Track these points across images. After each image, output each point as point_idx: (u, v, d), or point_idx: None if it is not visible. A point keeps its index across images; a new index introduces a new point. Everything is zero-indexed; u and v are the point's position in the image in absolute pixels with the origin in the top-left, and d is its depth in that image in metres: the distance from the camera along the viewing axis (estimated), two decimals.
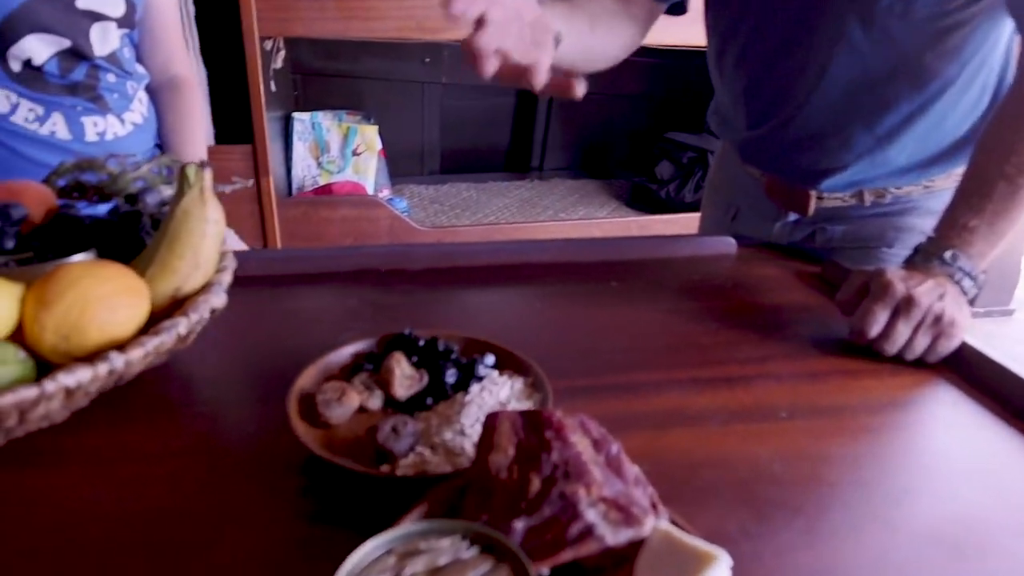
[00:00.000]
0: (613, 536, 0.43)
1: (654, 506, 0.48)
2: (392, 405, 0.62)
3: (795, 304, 0.90)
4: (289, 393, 0.60)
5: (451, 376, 0.62)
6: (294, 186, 2.64)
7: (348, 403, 0.59)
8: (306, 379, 0.62)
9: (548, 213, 2.94)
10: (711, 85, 1.11)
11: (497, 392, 0.61)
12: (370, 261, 0.92)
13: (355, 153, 2.67)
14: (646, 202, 3.06)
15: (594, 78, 0.79)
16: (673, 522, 0.48)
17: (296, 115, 2.60)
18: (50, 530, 0.50)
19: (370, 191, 2.66)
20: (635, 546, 0.44)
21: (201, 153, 1.21)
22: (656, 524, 0.45)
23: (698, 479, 0.58)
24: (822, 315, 0.87)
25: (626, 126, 3.43)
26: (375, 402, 0.61)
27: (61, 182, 0.80)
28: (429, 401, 0.61)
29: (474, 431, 0.56)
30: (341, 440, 0.58)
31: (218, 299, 0.62)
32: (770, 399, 0.69)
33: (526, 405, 0.61)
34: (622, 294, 0.90)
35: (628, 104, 3.36)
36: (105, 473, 0.55)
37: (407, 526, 0.42)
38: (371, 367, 0.64)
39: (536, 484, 0.46)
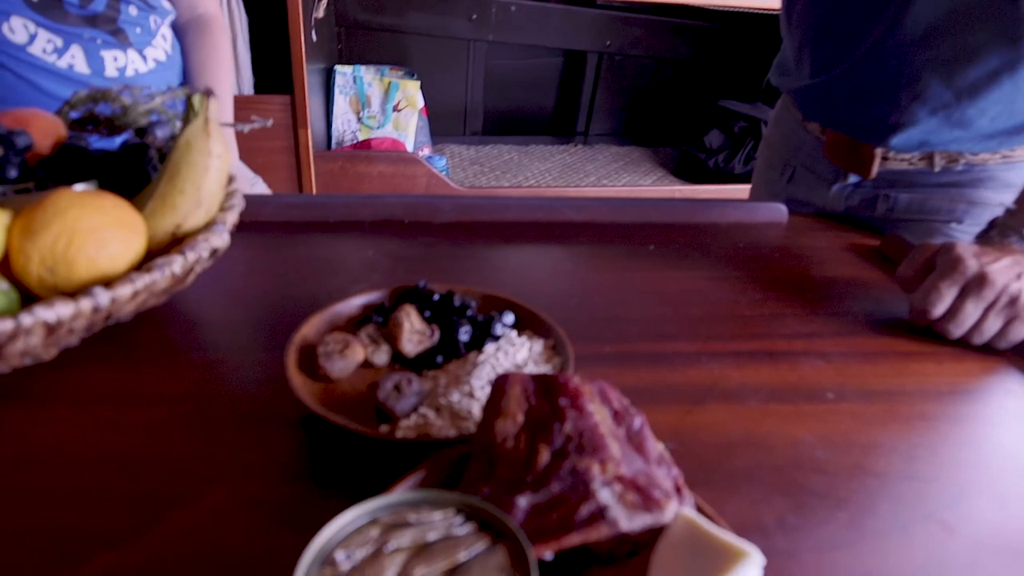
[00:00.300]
0: (628, 521, 0.38)
1: (678, 489, 0.42)
2: (399, 361, 0.57)
3: (849, 278, 0.82)
4: (289, 342, 0.55)
5: (465, 334, 0.57)
6: (333, 140, 2.60)
7: (351, 357, 0.54)
8: (310, 329, 0.58)
9: (591, 179, 2.86)
10: (768, 51, 1.02)
11: (514, 354, 0.56)
12: (392, 211, 0.87)
13: (396, 109, 2.62)
14: (693, 172, 2.95)
15: (644, 41, 0.72)
16: (699, 509, 0.42)
17: (338, 68, 2.56)
18: (24, 468, 0.47)
19: (410, 149, 2.61)
20: (653, 534, 0.38)
21: (226, 97, 1.17)
22: (679, 510, 0.39)
23: (731, 462, 0.52)
24: (878, 291, 0.79)
25: (676, 92, 3.30)
26: (381, 357, 0.56)
27: (75, 114, 0.76)
28: (439, 359, 0.56)
29: (484, 394, 0.51)
30: (341, 396, 0.53)
31: (219, 239, 0.58)
32: (816, 378, 0.63)
33: (545, 370, 0.55)
34: (660, 259, 0.83)
35: (679, 69, 3.23)
36: (90, 415, 0.52)
37: (396, 495, 0.38)
38: (380, 320, 0.60)
39: (545, 456, 0.41)
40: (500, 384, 0.45)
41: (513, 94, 3.26)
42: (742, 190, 1.25)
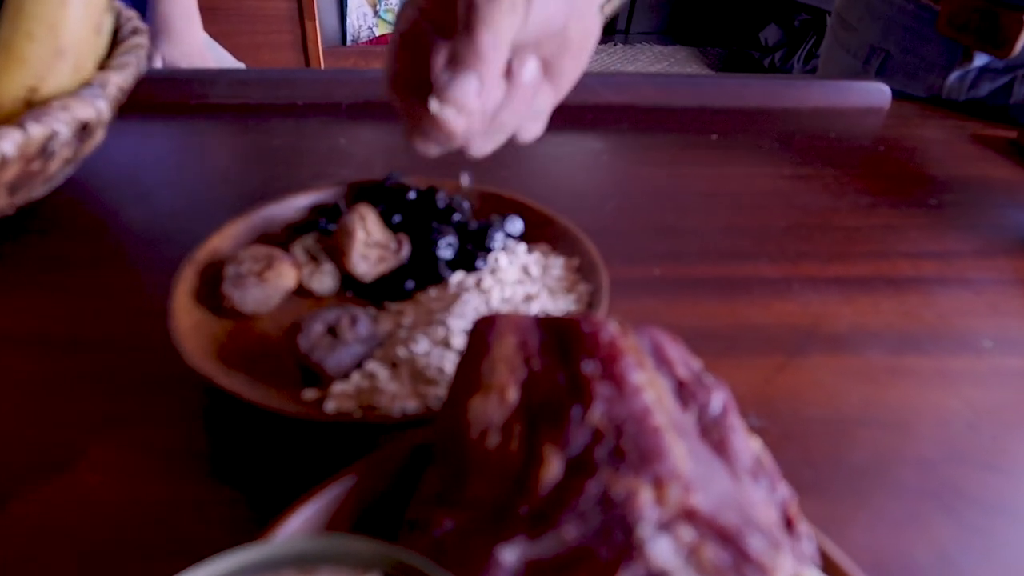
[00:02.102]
0: None
1: (789, 524, 0.24)
2: (354, 289, 0.39)
3: (983, 179, 0.61)
4: (185, 260, 0.37)
5: (447, 248, 0.39)
6: (348, 36, 2.37)
7: (275, 281, 0.36)
8: (224, 240, 0.40)
9: None
10: None
11: (518, 278, 0.38)
12: (376, 91, 0.67)
13: None
14: (746, 72, 2.65)
15: None
16: (826, 563, 0.24)
17: None
18: None
19: None
20: None
21: None
22: (797, 572, 0.21)
23: (850, 451, 0.34)
24: None
25: None
26: (324, 282, 0.38)
27: None
28: (410, 285, 0.38)
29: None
30: (258, 341, 0.35)
31: (85, 107, 0.39)
32: (963, 318, 0.43)
33: (565, 304, 0.36)
34: (726, 151, 0.63)
35: None
36: None
37: (273, 546, 0.20)
38: (329, 226, 0.41)
39: (555, 469, 0.22)
40: (481, 333, 0.26)
41: None
42: None
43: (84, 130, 0.40)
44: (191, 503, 0.29)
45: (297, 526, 0.24)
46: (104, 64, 0.43)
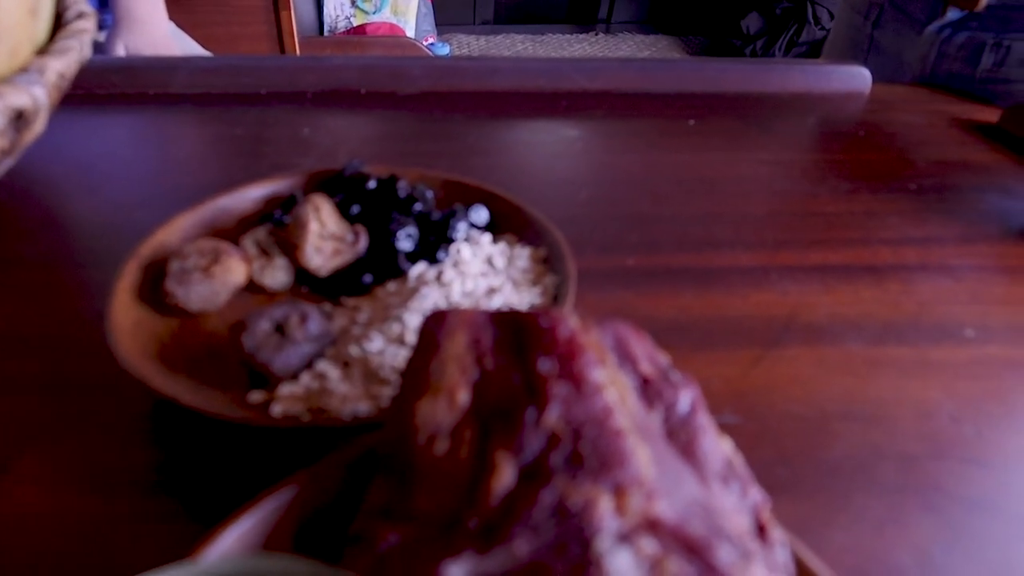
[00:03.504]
0: None
1: (762, 531, 0.22)
2: (309, 284, 0.37)
3: (964, 163, 0.60)
4: (129, 255, 0.35)
5: (406, 239, 0.37)
6: (326, 27, 2.33)
7: (223, 277, 0.34)
8: (172, 233, 0.37)
9: None
10: None
11: (480, 270, 0.36)
12: (344, 78, 0.65)
13: None
14: None
15: None
16: (799, 565, 0.23)
17: None
18: None
19: (411, 36, 2.34)
20: None
21: None
22: None
23: (829, 448, 0.32)
24: (1007, 180, 0.57)
25: None
26: (277, 277, 0.36)
27: None
28: (367, 279, 0.36)
29: None
30: (204, 340, 0.33)
31: (19, 94, 0.37)
32: (944, 306, 0.42)
33: (530, 296, 0.35)
34: (704, 137, 0.61)
35: None
36: None
37: (201, 567, 0.18)
38: (284, 218, 0.39)
39: (507, 476, 0.21)
40: (431, 330, 0.24)
41: None
42: None
43: (20, 119, 0.38)
44: (127, 517, 0.27)
45: (231, 543, 0.22)
46: (43, 49, 0.41)
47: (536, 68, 0.67)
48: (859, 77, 0.72)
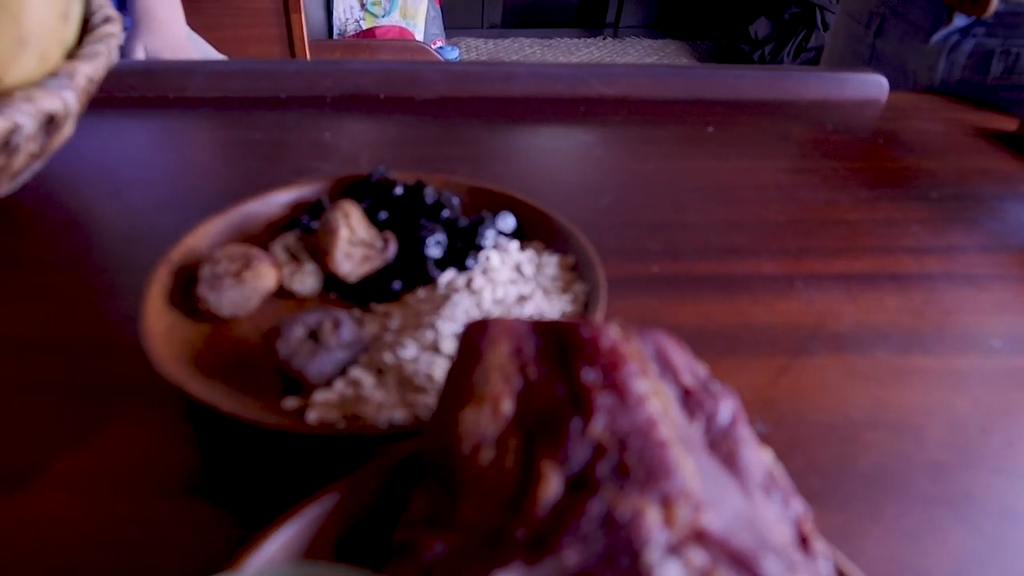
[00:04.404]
0: None
1: (804, 542, 0.22)
2: (338, 290, 0.37)
3: (984, 171, 0.60)
4: (160, 261, 0.35)
5: (435, 246, 0.37)
6: (335, 30, 2.34)
7: (253, 282, 0.34)
8: (200, 239, 0.38)
9: None
10: None
11: (510, 277, 0.36)
12: (363, 83, 0.65)
13: None
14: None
15: None
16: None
17: None
18: None
19: (419, 40, 2.34)
20: None
21: None
22: None
23: (860, 458, 0.32)
24: None
25: None
26: (306, 282, 0.36)
27: None
28: (397, 286, 0.36)
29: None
30: (236, 346, 0.33)
31: (51, 99, 0.37)
32: (969, 316, 0.42)
33: (559, 305, 0.35)
34: (723, 145, 0.61)
35: None
36: None
37: (251, 572, 0.18)
38: (311, 224, 0.39)
39: (553, 487, 0.21)
40: (473, 339, 0.24)
41: None
42: None
43: (51, 123, 0.38)
44: (162, 522, 0.27)
45: (273, 552, 0.22)
46: (72, 54, 0.41)
47: (554, 74, 0.67)
48: (875, 85, 0.72)
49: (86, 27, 0.45)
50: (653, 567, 0.19)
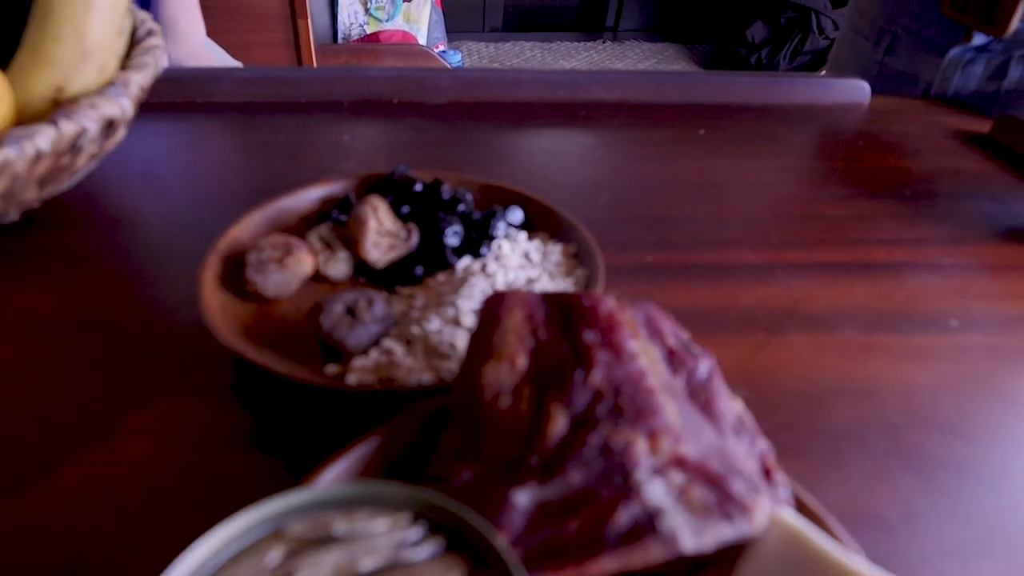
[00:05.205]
0: (695, 536, 0.23)
1: (767, 474, 0.27)
2: (366, 275, 0.42)
3: (956, 171, 0.64)
4: (210, 249, 0.40)
5: (453, 236, 0.41)
6: (340, 34, 2.39)
7: (294, 267, 0.39)
8: (244, 230, 0.42)
9: None
10: None
11: (520, 263, 0.40)
12: (377, 89, 0.70)
13: None
14: (733, 69, 2.69)
15: None
16: (799, 505, 0.27)
17: None
18: None
19: (422, 44, 2.39)
20: (732, 552, 0.24)
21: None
22: (775, 514, 0.24)
23: (826, 418, 0.37)
24: (995, 187, 0.62)
25: None
26: (339, 268, 0.41)
27: None
28: (419, 271, 0.41)
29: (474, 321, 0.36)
30: (279, 322, 0.38)
31: (111, 105, 0.42)
32: (932, 300, 0.46)
33: (564, 286, 0.40)
34: (714, 146, 0.66)
35: None
36: None
37: (317, 490, 0.23)
38: (341, 217, 0.44)
39: (560, 424, 0.25)
40: (492, 308, 0.29)
41: None
42: None
43: (109, 127, 0.43)
44: (225, 468, 0.32)
45: (332, 478, 0.27)
46: (124, 64, 0.46)
47: (556, 79, 0.72)
48: (858, 90, 0.77)
49: (132, 38, 0.50)
50: (641, 484, 0.24)
